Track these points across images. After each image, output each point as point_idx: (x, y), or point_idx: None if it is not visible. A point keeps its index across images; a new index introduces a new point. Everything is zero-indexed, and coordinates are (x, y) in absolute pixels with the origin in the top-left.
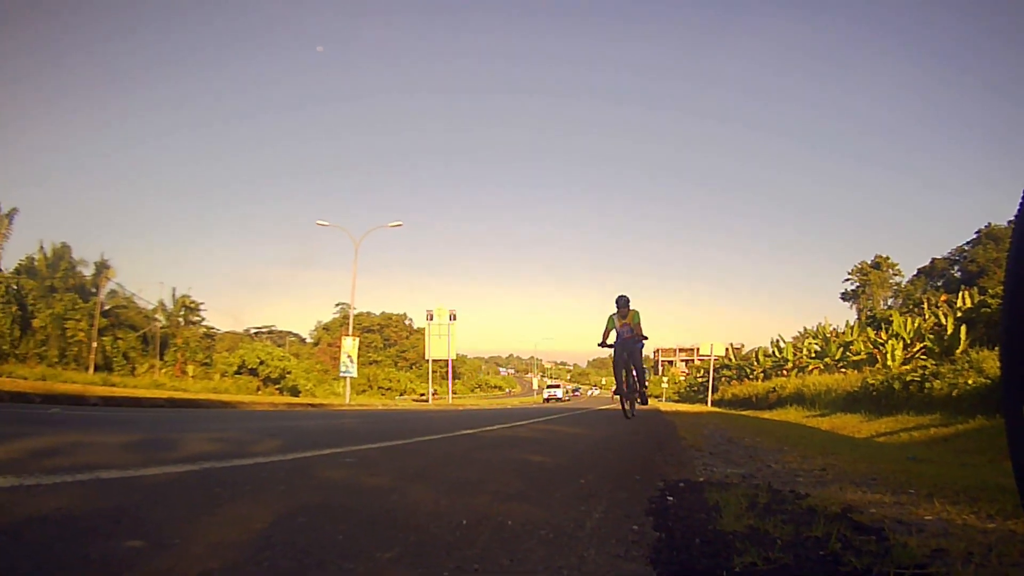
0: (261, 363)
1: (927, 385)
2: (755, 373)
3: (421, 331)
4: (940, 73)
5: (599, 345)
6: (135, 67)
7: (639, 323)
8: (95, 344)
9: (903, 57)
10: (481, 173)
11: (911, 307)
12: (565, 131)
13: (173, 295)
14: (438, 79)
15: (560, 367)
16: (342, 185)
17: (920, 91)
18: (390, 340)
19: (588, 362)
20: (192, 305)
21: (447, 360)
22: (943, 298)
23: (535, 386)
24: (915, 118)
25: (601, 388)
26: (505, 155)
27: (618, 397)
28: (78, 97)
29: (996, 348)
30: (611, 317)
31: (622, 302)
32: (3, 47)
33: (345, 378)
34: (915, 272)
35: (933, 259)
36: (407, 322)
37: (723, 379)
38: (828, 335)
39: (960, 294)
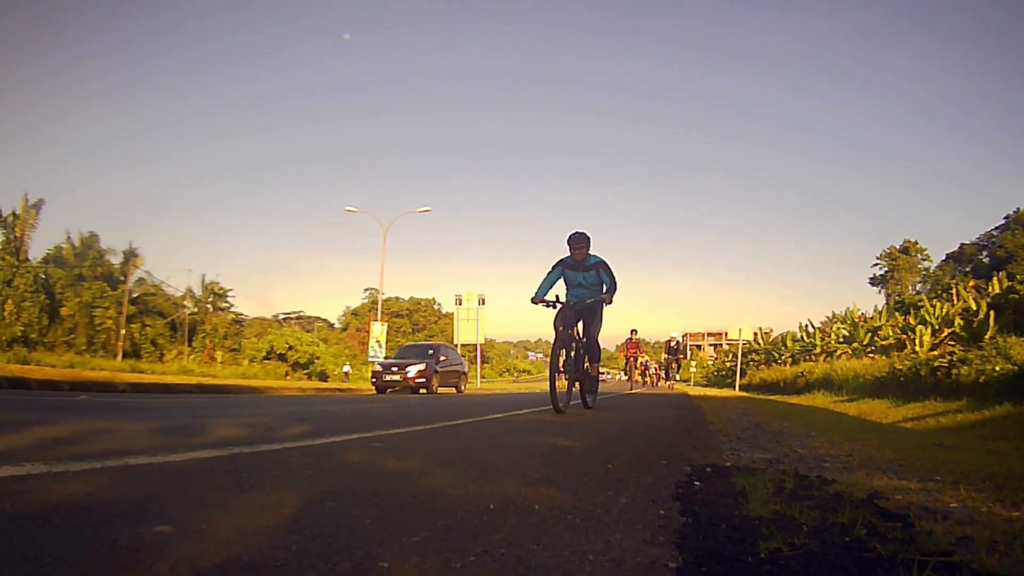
0: (290, 348)
1: (954, 371)
2: (783, 358)
3: (450, 316)
4: (969, 58)
5: (533, 301)
6: (163, 55)
7: (610, 278)
8: (123, 331)
9: (933, 41)
10: (510, 158)
11: (939, 292)
12: (594, 118)
13: (202, 282)
14: (468, 65)
15: None
16: (371, 171)
17: (950, 76)
18: (419, 325)
19: (616, 347)
20: (220, 291)
21: (476, 344)
22: (972, 283)
23: None
24: (945, 103)
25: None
26: (535, 140)
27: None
28: (104, 85)
29: None
30: (559, 265)
31: (578, 241)
32: (31, 40)
33: (373, 363)
34: (944, 257)
35: (962, 244)
36: (436, 307)
37: (751, 363)
38: (856, 320)
39: (991, 279)
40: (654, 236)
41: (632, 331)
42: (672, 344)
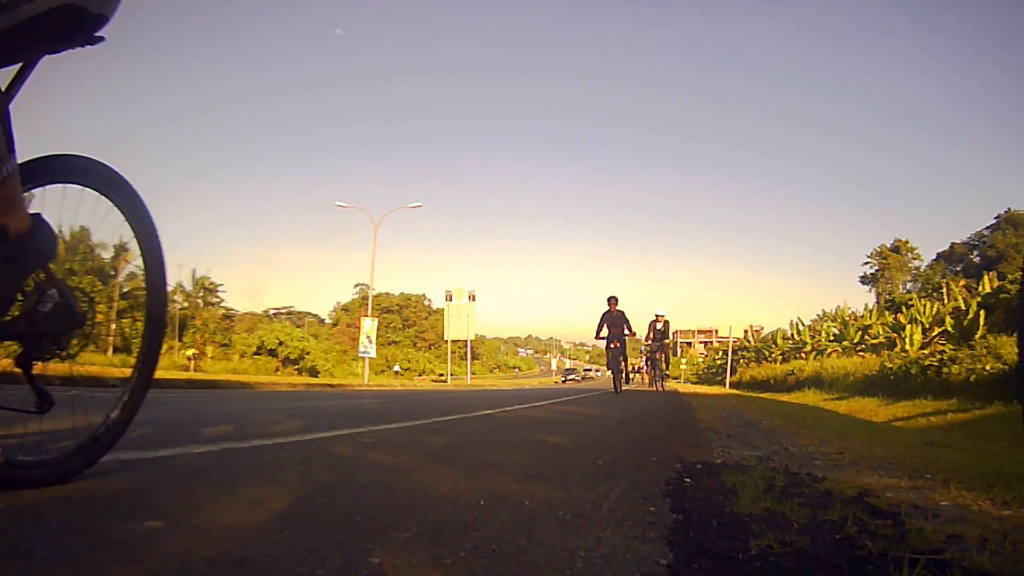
0: (280, 344)
1: (945, 370)
2: (774, 355)
3: (440, 312)
4: (961, 57)
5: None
6: (154, 48)
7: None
8: (113, 326)
9: (924, 40)
10: (502, 155)
11: (930, 292)
12: (586, 113)
13: (192, 277)
14: (458, 60)
15: (579, 348)
16: (362, 166)
17: (940, 75)
18: (409, 321)
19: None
20: (211, 287)
21: (466, 340)
22: (962, 283)
23: (554, 367)
24: (935, 102)
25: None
26: (527, 137)
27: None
28: (94, 78)
29: (1014, 334)
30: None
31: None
32: None
33: (364, 358)
34: (934, 256)
35: (952, 244)
36: (426, 303)
37: (742, 361)
38: (847, 318)
39: (981, 278)
40: (645, 233)
41: (611, 299)
42: (658, 325)
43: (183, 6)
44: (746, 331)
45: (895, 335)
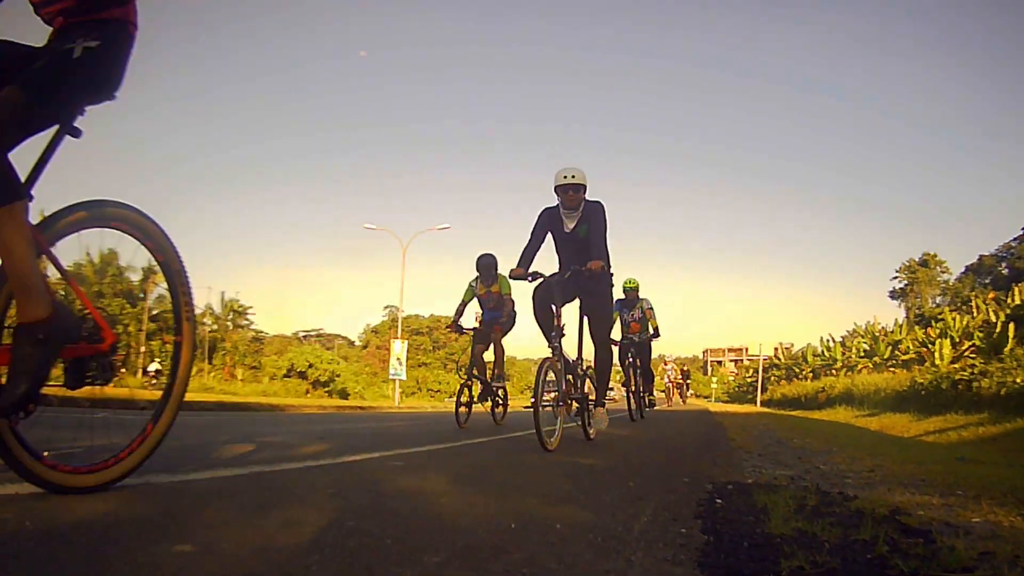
0: (310, 366)
1: (975, 384)
2: (804, 373)
3: (471, 333)
4: (985, 69)
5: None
6: (180, 68)
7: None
8: (143, 349)
9: (949, 51)
10: (528, 171)
11: (959, 305)
12: (610, 127)
13: (221, 299)
14: (486, 81)
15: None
16: (389, 187)
17: (966, 87)
18: (439, 343)
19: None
20: (240, 309)
21: None
22: (991, 295)
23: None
24: (962, 114)
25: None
26: (552, 153)
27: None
28: (121, 99)
29: None
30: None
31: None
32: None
33: (394, 381)
34: (963, 270)
35: (981, 256)
36: None
37: (772, 379)
38: (877, 334)
39: (1010, 290)
40: (672, 250)
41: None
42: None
43: (206, 24)
44: (776, 349)
45: (925, 350)
